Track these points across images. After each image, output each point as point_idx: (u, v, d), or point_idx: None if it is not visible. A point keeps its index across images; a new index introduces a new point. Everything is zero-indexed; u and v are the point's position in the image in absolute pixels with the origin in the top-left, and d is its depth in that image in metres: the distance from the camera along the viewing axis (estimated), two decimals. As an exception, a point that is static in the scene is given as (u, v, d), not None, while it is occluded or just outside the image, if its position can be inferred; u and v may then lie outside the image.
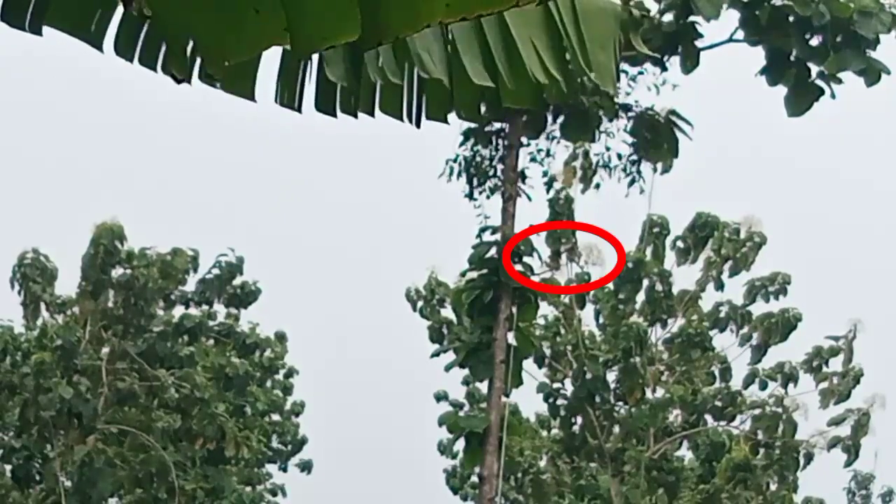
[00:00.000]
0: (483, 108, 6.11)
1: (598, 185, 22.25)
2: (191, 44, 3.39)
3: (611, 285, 29.13)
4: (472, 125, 20.40)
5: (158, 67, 5.03)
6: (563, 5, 5.80)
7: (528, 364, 24.49)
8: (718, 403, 29.87)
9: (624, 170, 21.10)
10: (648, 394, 29.04)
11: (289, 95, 5.74)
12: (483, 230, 20.40)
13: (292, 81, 5.70)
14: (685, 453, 30.91)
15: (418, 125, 5.83)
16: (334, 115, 5.78)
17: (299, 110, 5.75)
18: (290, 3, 3.07)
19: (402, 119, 5.78)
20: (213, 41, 3.15)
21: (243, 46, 3.16)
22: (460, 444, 20.84)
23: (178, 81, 3.26)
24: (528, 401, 29.02)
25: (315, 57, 5.50)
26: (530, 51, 5.66)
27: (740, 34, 19.28)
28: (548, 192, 24.44)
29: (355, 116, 5.77)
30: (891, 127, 47.83)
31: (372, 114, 5.77)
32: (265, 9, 3.08)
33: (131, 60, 5.06)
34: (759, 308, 29.85)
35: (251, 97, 5.48)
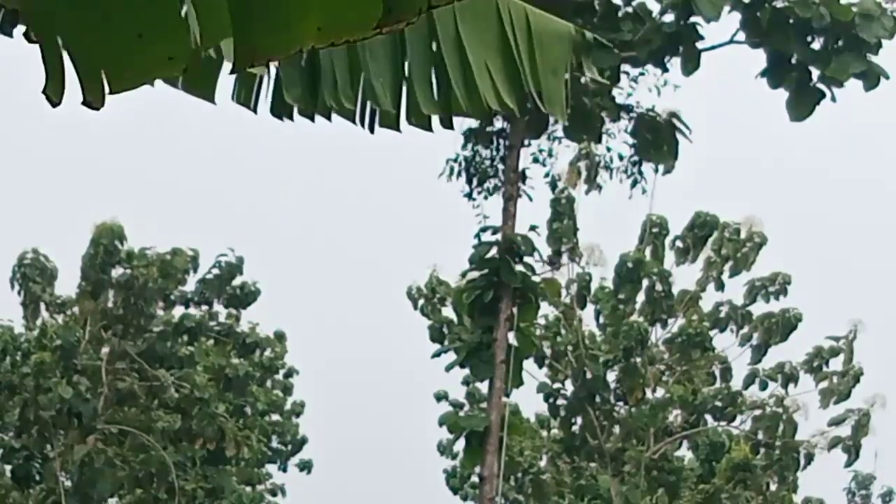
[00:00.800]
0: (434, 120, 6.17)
1: (599, 188, 22.31)
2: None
3: (611, 285, 29.16)
4: (474, 126, 20.45)
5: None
6: (520, 29, 5.86)
7: (529, 364, 24.51)
8: (718, 403, 29.87)
9: (625, 171, 21.13)
10: (648, 394, 29.04)
11: (245, 95, 5.78)
12: (483, 230, 20.43)
13: (249, 83, 5.74)
14: (685, 453, 30.92)
15: (371, 130, 5.88)
16: (291, 119, 5.82)
17: (255, 111, 5.79)
18: (182, 25, 2.91)
19: (355, 123, 5.84)
20: (93, 68, 2.94)
21: (127, 76, 2.96)
22: (460, 444, 20.88)
23: (53, 105, 3.06)
24: (528, 401, 29.04)
25: (272, 66, 5.54)
26: (485, 75, 5.72)
27: (741, 36, 19.29)
28: (553, 192, 24.51)
29: (312, 120, 5.81)
30: (891, 128, 47.85)
31: (329, 118, 5.81)
32: (150, 34, 2.92)
33: None
34: (759, 308, 29.87)
35: (211, 100, 5.51)
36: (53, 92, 3.01)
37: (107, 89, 2.98)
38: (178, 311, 31.20)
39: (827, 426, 29.82)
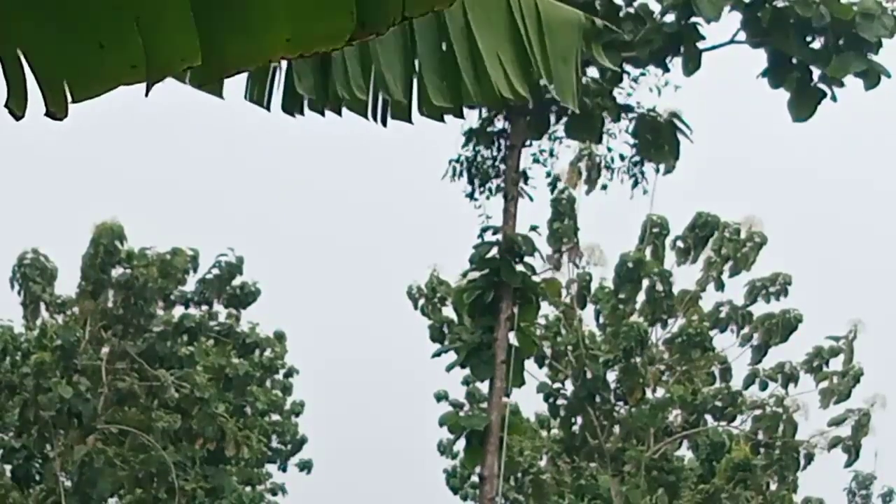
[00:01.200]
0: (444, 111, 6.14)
1: (604, 187, 22.31)
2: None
3: (611, 285, 29.16)
4: (475, 125, 20.46)
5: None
6: (529, 17, 5.84)
7: (529, 364, 24.48)
8: (718, 403, 29.88)
9: (626, 171, 21.14)
10: (648, 394, 29.04)
11: (258, 93, 5.76)
12: (484, 230, 20.44)
13: (262, 81, 5.72)
14: (685, 453, 30.93)
15: (384, 124, 5.86)
16: (302, 114, 5.80)
17: (268, 108, 5.77)
18: (142, 33, 2.91)
19: (367, 118, 5.82)
20: (55, 79, 2.91)
21: (88, 85, 2.93)
22: (460, 444, 20.87)
23: (17, 118, 3.02)
24: (528, 401, 29.05)
25: (283, 62, 5.52)
26: (496, 64, 5.70)
27: (742, 36, 19.29)
28: (552, 192, 24.51)
29: (322, 115, 5.79)
30: (891, 127, 47.86)
31: (339, 112, 5.79)
32: (110, 43, 2.91)
33: None
34: (759, 308, 29.87)
35: (219, 95, 5.50)
36: (16, 105, 2.96)
37: (69, 98, 2.94)
38: (178, 311, 31.22)
39: (827, 426, 29.85)
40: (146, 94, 2.97)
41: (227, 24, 2.87)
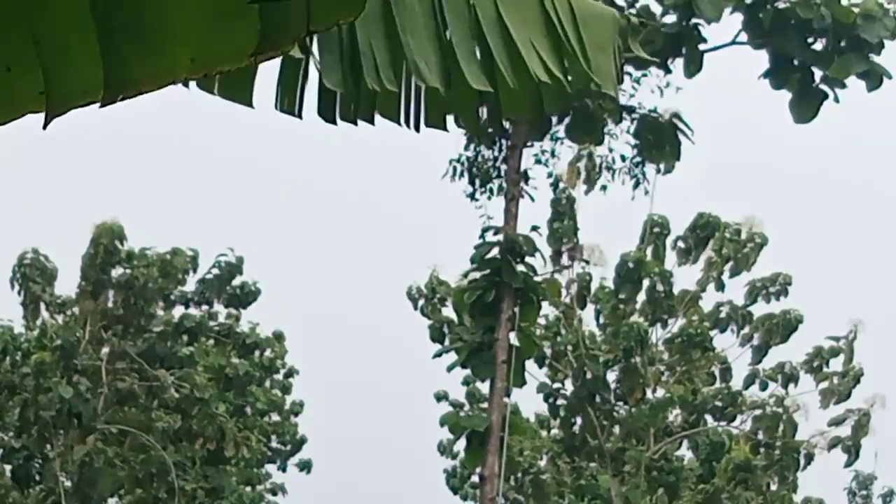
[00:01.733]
0: (483, 116, 6.12)
1: (604, 188, 22.34)
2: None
3: (611, 285, 29.16)
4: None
5: None
6: (562, 10, 5.83)
7: (529, 364, 24.50)
8: (719, 403, 29.87)
9: (628, 172, 21.17)
10: (649, 394, 29.04)
11: (289, 101, 5.75)
12: (486, 230, 20.46)
13: (292, 87, 5.71)
14: (685, 453, 30.92)
15: (417, 130, 5.84)
16: (334, 123, 5.78)
17: (300, 116, 5.75)
18: (47, 58, 2.84)
19: (400, 124, 5.79)
20: None
21: None
22: (461, 445, 20.92)
23: None
24: (528, 401, 29.05)
25: (313, 64, 5.51)
26: (531, 52, 5.69)
27: (743, 37, 19.31)
28: (554, 192, 24.52)
29: (355, 124, 5.78)
30: (891, 128, 47.88)
31: (371, 121, 5.77)
32: (18, 66, 2.84)
33: None
34: (759, 309, 29.87)
35: (249, 104, 5.49)
36: None
37: None
38: (178, 311, 31.22)
39: (827, 426, 29.84)
40: (44, 127, 2.91)
41: (131, 46, 2.83)
